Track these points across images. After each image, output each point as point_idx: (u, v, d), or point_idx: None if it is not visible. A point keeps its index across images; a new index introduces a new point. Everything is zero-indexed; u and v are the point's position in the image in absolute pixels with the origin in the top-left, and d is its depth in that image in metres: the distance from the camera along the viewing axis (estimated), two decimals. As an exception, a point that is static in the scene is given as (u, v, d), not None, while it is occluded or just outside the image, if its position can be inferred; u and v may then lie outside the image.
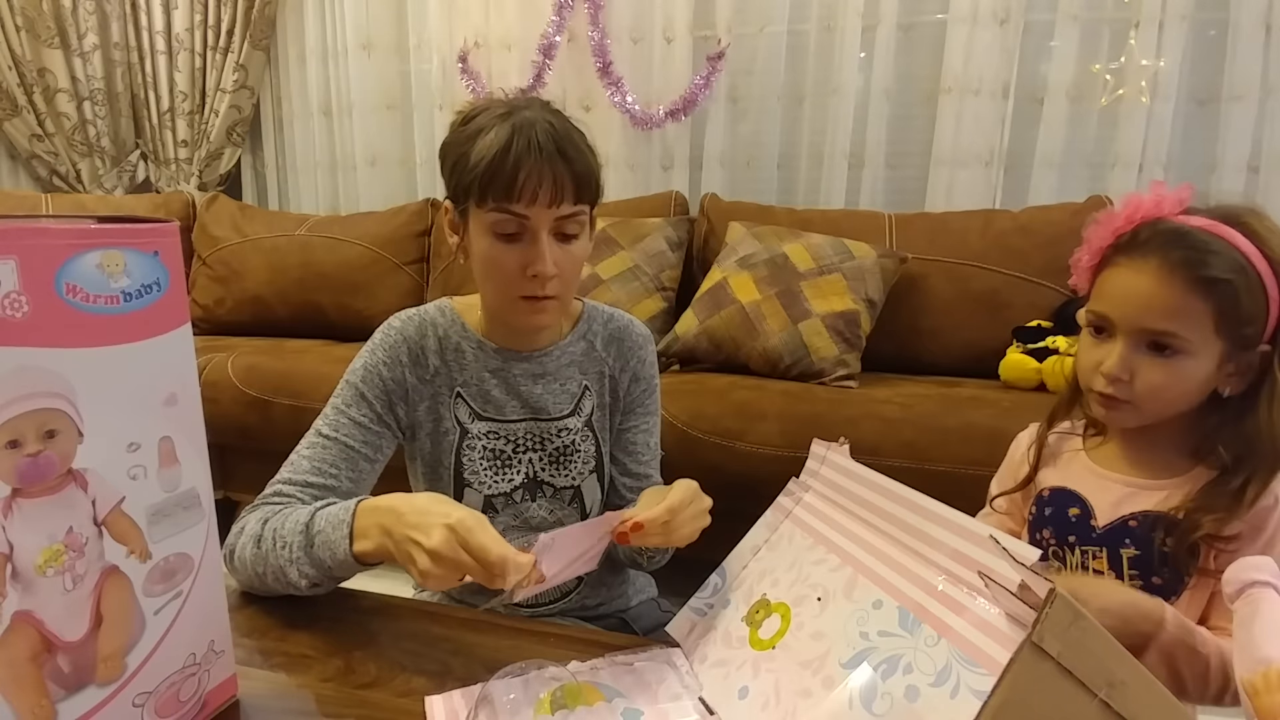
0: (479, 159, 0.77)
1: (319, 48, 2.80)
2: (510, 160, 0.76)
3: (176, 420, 0.53)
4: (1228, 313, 0.69)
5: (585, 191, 0.81)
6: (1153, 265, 0.70)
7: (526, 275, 0.80)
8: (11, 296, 0.43)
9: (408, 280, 2.47)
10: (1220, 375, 0.72)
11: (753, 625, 0.62)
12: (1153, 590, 0.75)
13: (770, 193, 2.43)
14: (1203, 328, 0.70)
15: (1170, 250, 0.70)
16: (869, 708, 0.48)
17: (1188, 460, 0.75)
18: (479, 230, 0.82)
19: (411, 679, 0.65)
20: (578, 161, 0.79)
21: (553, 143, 0.77)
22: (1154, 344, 0.71)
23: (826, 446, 0.72)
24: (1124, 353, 0.72)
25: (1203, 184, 2.08)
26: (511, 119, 0.78)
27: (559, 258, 0.81)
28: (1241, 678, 0.54)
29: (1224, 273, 0.68)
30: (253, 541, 0.74)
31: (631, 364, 0.95)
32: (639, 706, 0.58)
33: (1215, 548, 0.71)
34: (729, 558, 0.73)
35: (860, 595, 0.55)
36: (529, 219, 0.79)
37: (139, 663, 0.52)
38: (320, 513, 0.72)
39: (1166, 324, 0.70)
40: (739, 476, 1.56)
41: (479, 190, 0.79)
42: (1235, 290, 0.68)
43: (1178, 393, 0.73)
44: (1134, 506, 0.76)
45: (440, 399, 0.90)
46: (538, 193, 0.77)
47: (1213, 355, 0.71)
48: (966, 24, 2.14)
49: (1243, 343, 0.70)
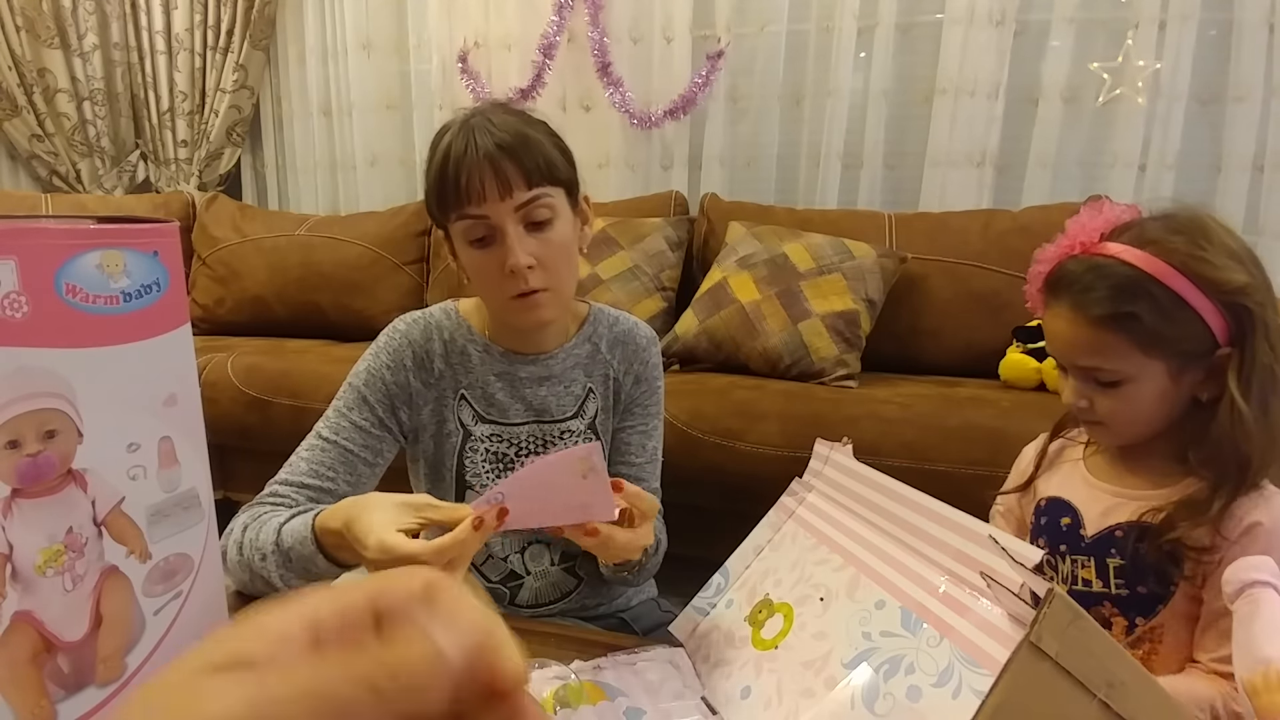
0: (432, 175, 0.81)
1: (319, 48, 2.80)
2: (451, 167, 0.79)
3: (176, 420, 0.53)
4: (1145, 339, 0.70)
5: (536, 175, 0.80)
6: (1065, 308, 0.74)
7: (506, 274, 0.80)
8: (11, 297, 0.43)
9: (408, 280, 2.47)
10: (1185, 385, 0.72)
11: (755, 625, 0.62)
12: (1139, 600, 0.75)
13: (770, 192, 2.42)
14: (1127, 357, 0.71)
15: (1076, 293, 0.73)
16: (871, 708, 0.48)
17: (1178, 470, 0.75)
18: (460, 244, 0.84)
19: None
20: (520, 149, 0.79)
21: (489, 138, 0.78)
22: (1094, 377, 0.74)
23: (830, 446, 0.72)
24: (1075, 386, 0.76)
25: (1207, 184, 2.08)
26: (452, 130, 0.81)
27: (534, 248, 0.81)
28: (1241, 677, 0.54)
29: (1128, 305, 0.69)
30: (236, 548, 0.75)
31: (635, 366, 0.95)
32: (641, 706, 0.58)
33: (1196, 559, 0.71)
34: (732, 557, 0.73)
35: (863, 595, 0.55)
36: (489, 217, 0.80)
37: (139, 663, 0.52)
38: (285, 529, 0.72)
39: (1091, 360, 0.73)
40: (739, 476, 1.56)
41: (439, 206, 0.82)
42: (1142, 319, 0.69)
43: (1136, 414, 0.74)
44: (1120, 517, 0.77)
45: (444, 402, 0.90)
46: (484, 190, 0.78)
47: (1156, 374, 0.71)
48: (963, 25, 2.14)
49: (1186, 355, 0.71)
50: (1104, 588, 0.77)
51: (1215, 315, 0.69)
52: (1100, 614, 0.77)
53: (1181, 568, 0.72)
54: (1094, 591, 0.77)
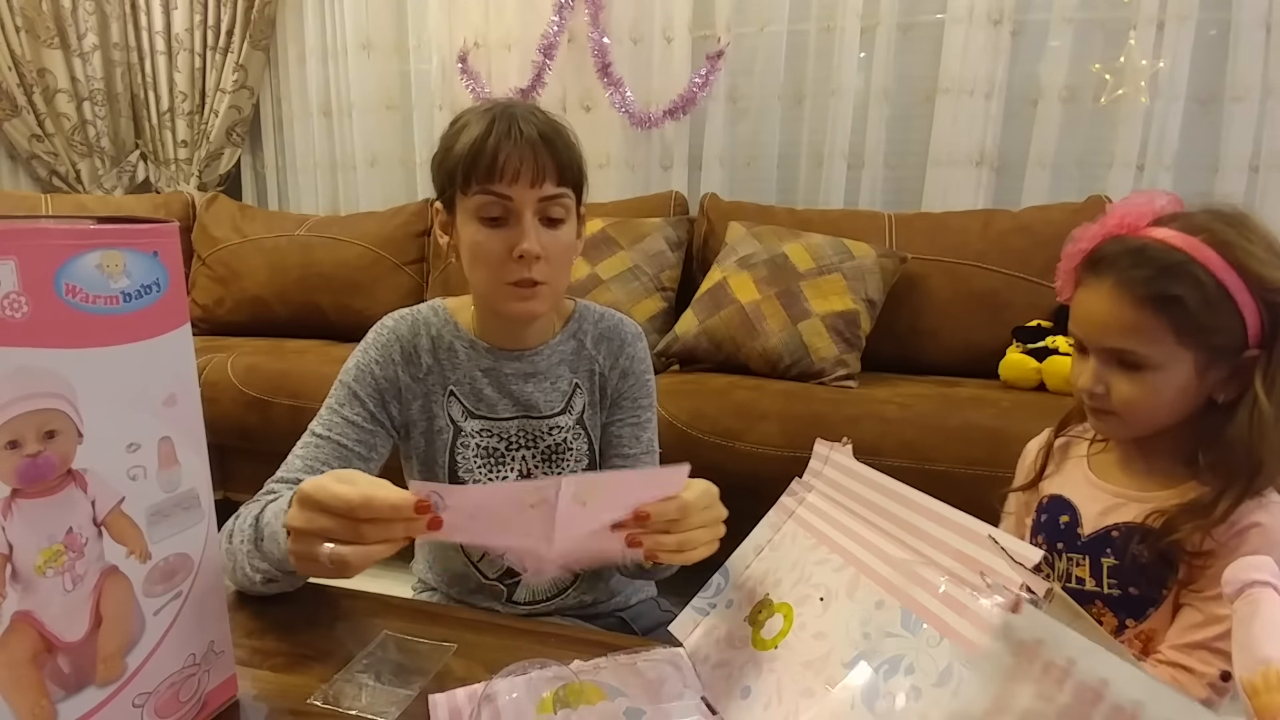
0: (462, 147, 0.81)
1: (319, 48, 2.80)
2: (491, 142, 0.79)
3: (176, 421, 0.53)
4: (1185, 326, 0.69)
5: (568, 174, 0.82)
6: (1108, 285, 0.72)
7: (513, 257, 0.81)
8: (11, 297, 0.43)
9: (407, 280, 2.47)
10: (1207, 382, 0.72)
11: (755, 625, 0.62)
12: (1130, 601, 0.75)
13: (770, 192, 2.43)
14: (1162, 342, 0.70)
15: (1123, 270, 0.71)
16: (871, 708, 0.48)
17: (1183, 472, 0.75)
18: (466, 218, 0.83)
19: (411, 678, 0.65)
20: (559, 145, 0.81)
21: (533, 128, 0.80)
22: (1121, 360, 0.72)
23: (830, 447, 0.72)
24: (1096, 369, 0.74)
25: (1204, 184, 2.07)
26: (493, 111, 0.82)
27: (545, 242, 0.82)
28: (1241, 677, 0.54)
29: (1175, 288, 0.68)
30: (225, 537, 0.75)
31: (621, 361, 0.95)
32: (641, 706, 0.58)
33: (1190, 563, 0.71)
34: (732, 557, 0.73)
35: (863, 595, 0.55)
36: (512, 200, 0.80)
37: (139, 663, 0.52)
38: (270, 505, 0.72)
39: (1124, 342, 0.71)
40: (739, 476, 1.55)
41: (463, 175, 0.81)
42: (1187, 304, 0.68)
43: (1155, 405, 0.73)
44: (1118, 517, 0.77)
45: (433, 397, 0.90)
46: (519, 172, 0.79)
47: (1184, 366, 0.71)
48: (963, 24, 2.15)
49: (1216, 350, 0.70)
50: (1096, 587, 0.77)
51: (1254, 312, 0.69)
52: (1091, 613, 0.77)
53: (1177, 571, 0.72)
54: (1086, 590, 0.78)
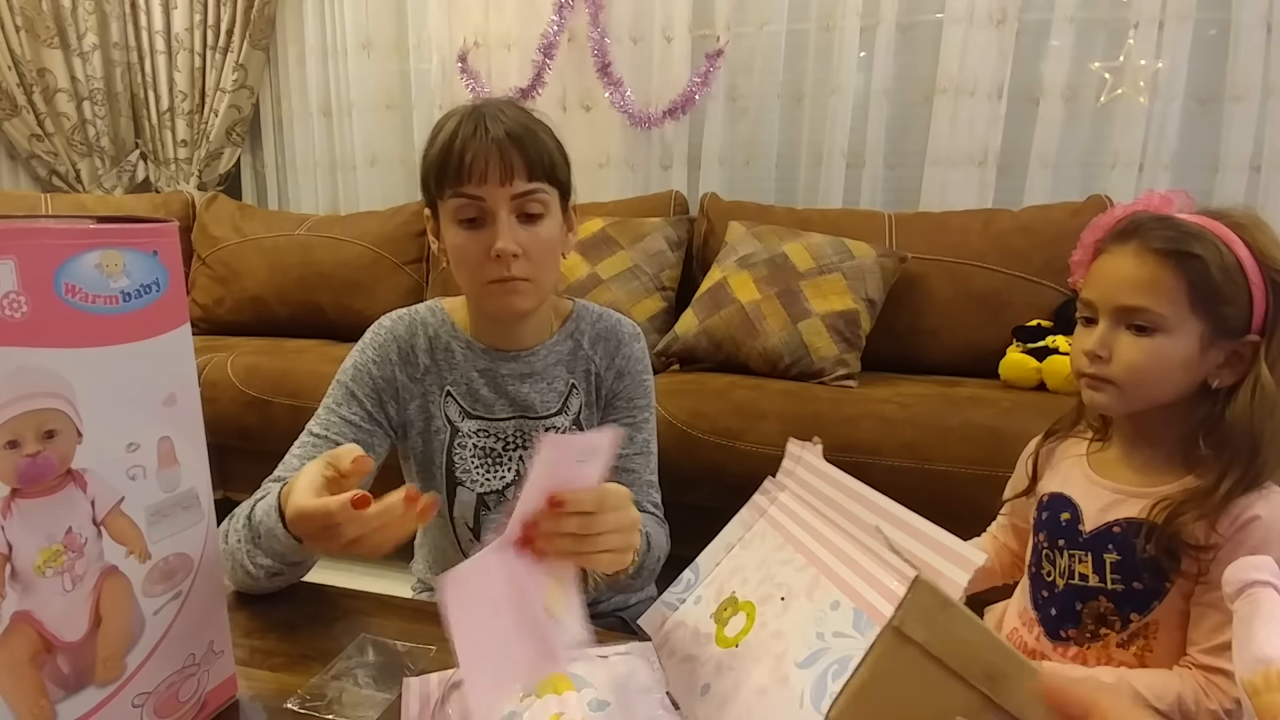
0: (434, 152, 0.82)
1: (318, 47, 2.80)
2: (458, 144, 0.80)
3: (176, 420, 0.53)
4: (1201, 288, 0.71)
5: (539, 169, 0.82)
6: (1131, 248, 0.74)
7: (491, 257, 0.81)
8: (11, 297, 0.43)
9: (407, 280, 2.47)
10: (1207, 363, 0.73)
11: (720, 623, 0.62)
12: (1133, 596, 0.76)
13: (770, 192, 2.42)
14: (1176, 303, 0.71)
15: (1147, 232, 0.73)
16: (818, 707, 0.47)
17: (1180, 468, 0.76)
18: (447, 223, 0.85)
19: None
20: (528, 142, 0.81)
21: (500, 126, 0.81)
22: (1132, 324, 0.74)
23: (801, 446, 0.72)
24: (1103, 332, 0.75)
25: (1204, 184, 2.07)
26: (461, 113, 0.83)
27: (523, 238, 0.82)
28: (1241, 677, 0.54)
29: (1197, 248, 0.71)
30: (221, 538, 0.75)
31: (617, 361, 0.95)
32: (606, 698, 0.58)
33: (1194, 555, 0.72)
34: (703, 554, 0.73)
35: (820, 596, 0.55)
36: (484, 199, 0.81)
37: (138, 663, 0.52)
38: (259, 505, 0.72)
39: (1139, 299, 0.73)
40: (739, 476, 1.55)
41: (436, 180, 0.83)
42: (1207, 266, 0.70)
43: (1157, 372, 0.74)
44: (1120, 513, 0.77)
45: (430, 397, 0.91)
46: (485, 172, 0.80)
47: (1191, 334, 0.72)
48: (963, 24, 2.14)
49: (1223, 325, 0.72)
50: (1100, 583, 0.78)
51: (1262, 293, 0.71)
52: (1096, 609, 0.78)
53: (1179, 564, 0.73)
54: (1090, 586, 0.78)
